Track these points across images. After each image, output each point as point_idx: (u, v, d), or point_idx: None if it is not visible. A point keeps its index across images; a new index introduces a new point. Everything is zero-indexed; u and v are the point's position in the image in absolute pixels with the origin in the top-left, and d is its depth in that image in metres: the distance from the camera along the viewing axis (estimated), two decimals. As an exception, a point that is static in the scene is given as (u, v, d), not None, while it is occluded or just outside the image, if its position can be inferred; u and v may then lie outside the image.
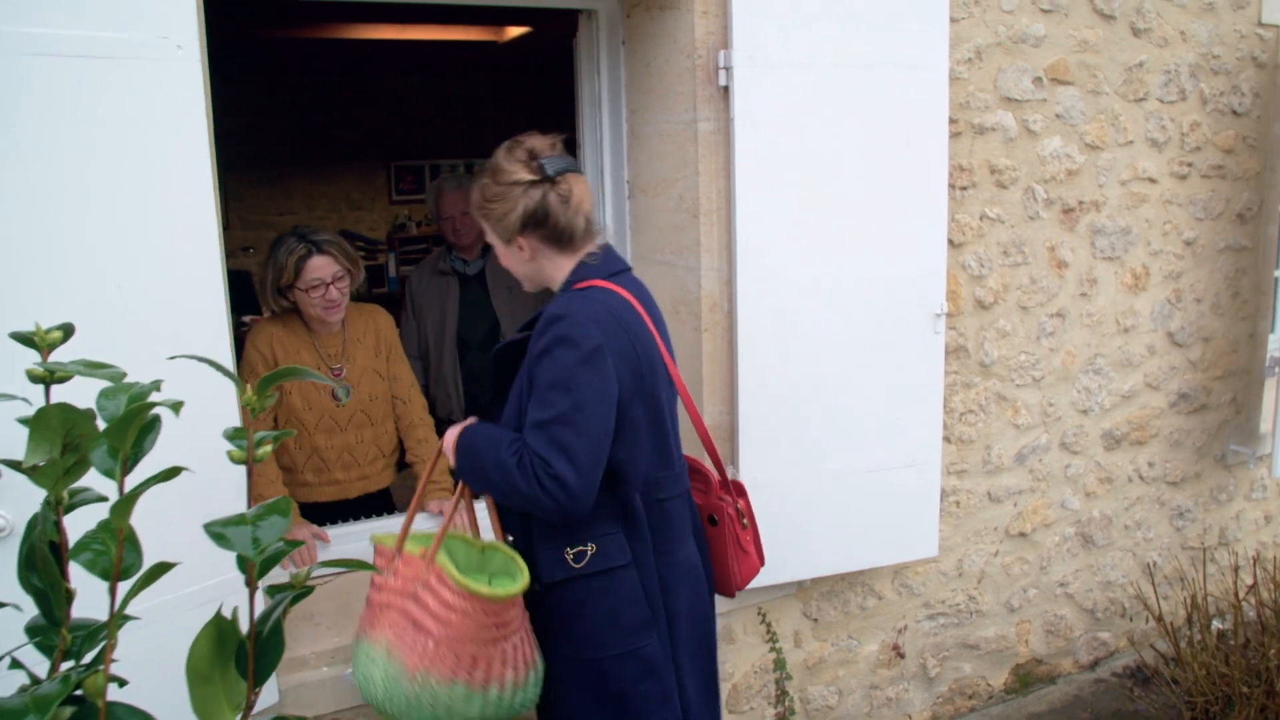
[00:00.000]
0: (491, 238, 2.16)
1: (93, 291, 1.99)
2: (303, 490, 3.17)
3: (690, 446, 2.37)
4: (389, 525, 3.14)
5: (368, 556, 3.06)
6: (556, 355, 1.93)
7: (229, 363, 2.21)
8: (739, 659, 3.19)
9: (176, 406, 0.85)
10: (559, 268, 2.12)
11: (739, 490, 2.37)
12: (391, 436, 3.33)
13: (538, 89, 6.01)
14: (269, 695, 2.37)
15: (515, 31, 6.37)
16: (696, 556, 2.22)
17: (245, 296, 5.08)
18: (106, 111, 1.97)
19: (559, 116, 3.30)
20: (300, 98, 8.19)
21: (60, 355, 1.20)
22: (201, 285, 2.15)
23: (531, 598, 2.06)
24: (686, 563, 2.17)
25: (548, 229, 2.06)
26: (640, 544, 2.06)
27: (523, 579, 1.96)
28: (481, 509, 2.25)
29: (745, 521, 2.32)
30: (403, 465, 3.50)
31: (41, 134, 1.90)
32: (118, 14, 1.95)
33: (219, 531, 0.83)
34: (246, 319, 5.06)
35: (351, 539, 3.07)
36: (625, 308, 2.04)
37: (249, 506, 0.89)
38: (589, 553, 2.01)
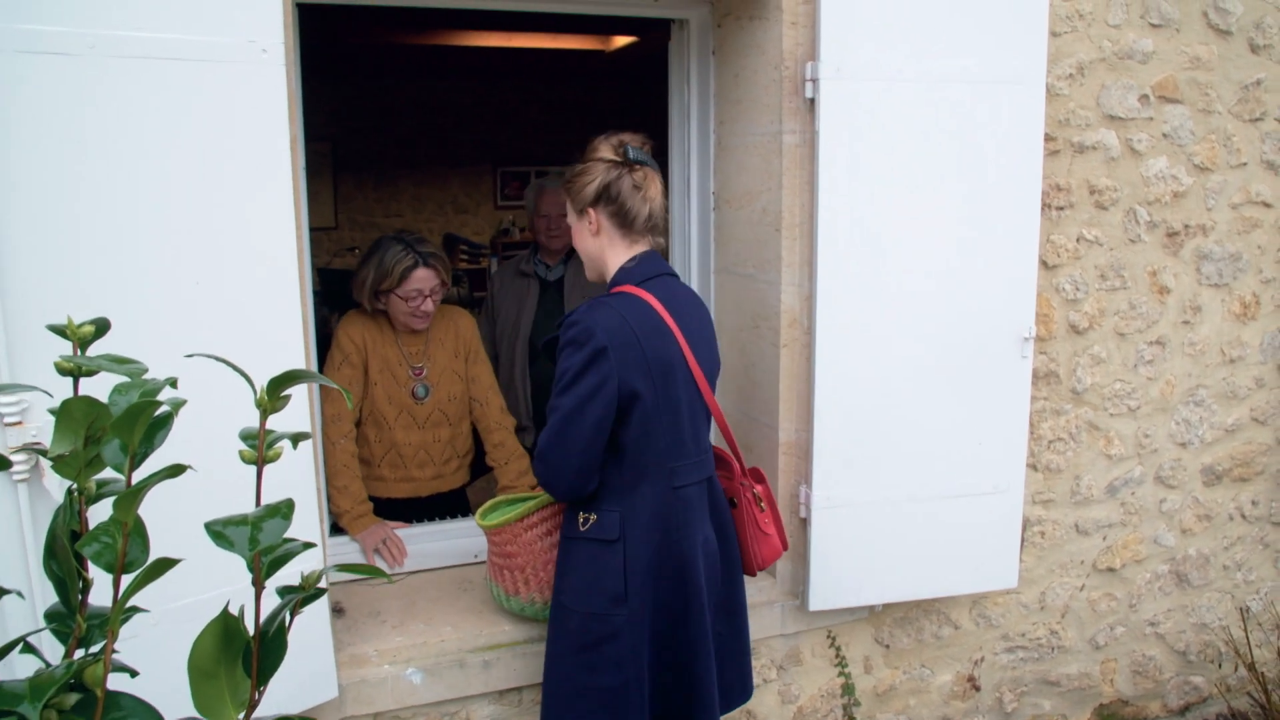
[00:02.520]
0: (570, 216, 2.43)
1: (171, 286, 2.04)
2: (379, 485, 3.22)
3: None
4: (463, 526, 3.17)
5: (436, 556, 3.11)
6: (567, 354, 2.24)
7: (302, 358, 2.25)
8: (806, 681, 3.13)
9: (178, 405, 0.86)
10: (617, 254, 2.39)
11: (758, 477, 2.61)
12: (467, 438, 3.37)
13: (643, 99, 6.03)
14: (327, 690, 2.41)
15: (621, 41, 6.40)
16: (714, 541, 2.43)
17: (350, 294, 5.22)
18: (192, 113, 2.03)
19: (663, 126, 3.29)
20: (412, 102, 8.38)
21: (144, 341, 1.23)
22: (279, 282, 2.20)
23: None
24: (706, 544, 2.39)
25: (616, 206, 2.33)
26: (636, 528, 2.29)
27: (498, 521, 2.56)
28: None
29: (763, 505, 2.56)
30: (480, 469, 3.54)
31: (129, 134, 1.97)
32: (204, 18, 2.00)
33: (219, 530, 0.84)
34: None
35: (424, 539, 3.11)
36: (643, 311, 2.28)
37: (257, 505, 0.90)
38: (591, 520, 2.32)
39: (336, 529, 3.04)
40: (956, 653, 3.35)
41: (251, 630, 0.94)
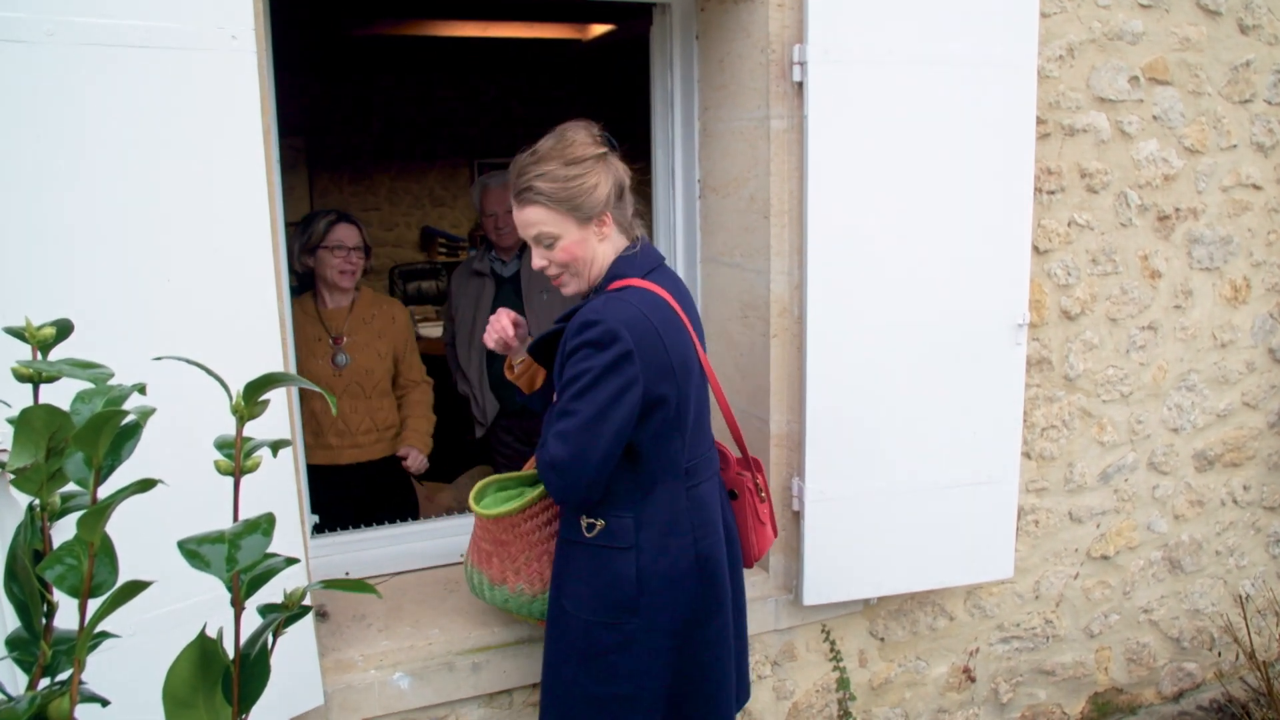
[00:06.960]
0: (564, 224, 2.10)
1: (140, 285, 1.96)
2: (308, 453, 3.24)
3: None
4: (448, 525, 3.10)
5: (421, 556, 3.04)
6: (584, 355, 2.01)
7: (280, 359, 2.18)
8: (800, 677, 3.08)
9: (145, 415, 0.79)
10: (615, 249, 2.18)
11: (757, 466, 2.48)
12: (387, 413, 3.53)
13: (620, 88, 5.95)
14: (312, 697, 2.33)
15: (598, 30, 6.32)
16: (726, 534, 2.34)
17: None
18: (160, 102, 1.94)
19: (639, 116, 3.22)
20: (388, 96, 8.28)
21: (111, 344, 1.16)
22: (254, 280, 2.11)
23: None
24: (725, 540, 2.30)
25: (625, 198, 2.17)
26: (651, 534, 2.13)
27: (499, 510, 2.33)
28: None
29: (764, 495, 2.46)
30: (460, 460, 3.57)
31: (91, 125, 1.88)
32: (170, 3, 1.92)
33: (193, 549, 0.76)
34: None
35: (409, 539, 3.03)
36: (660, 307, 2.10)
37: (234, 520, 0.83)
38: (598, 526, 2.15)
39: (317, 531, 2.97)
40: (951, 644, 3.31)
41: (231, 654, 0.87)
